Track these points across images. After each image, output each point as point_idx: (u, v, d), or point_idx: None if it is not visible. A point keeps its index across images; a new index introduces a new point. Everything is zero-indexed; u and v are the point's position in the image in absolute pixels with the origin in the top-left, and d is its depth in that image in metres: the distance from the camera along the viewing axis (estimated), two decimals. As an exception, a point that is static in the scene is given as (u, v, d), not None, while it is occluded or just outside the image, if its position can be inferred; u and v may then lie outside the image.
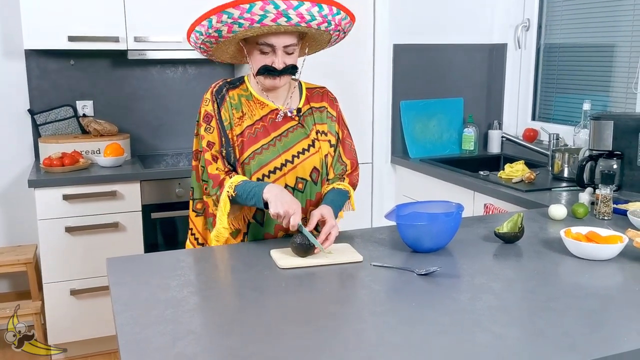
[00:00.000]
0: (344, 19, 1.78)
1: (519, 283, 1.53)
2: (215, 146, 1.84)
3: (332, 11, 1.73)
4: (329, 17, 1.73)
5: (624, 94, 2.95)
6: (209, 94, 1.88)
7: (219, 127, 1.84)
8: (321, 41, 1.88)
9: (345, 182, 1.98)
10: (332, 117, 1.97)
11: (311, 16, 1.69)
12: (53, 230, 2.91)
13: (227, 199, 1.78)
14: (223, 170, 1.83)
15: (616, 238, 1.69)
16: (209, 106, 1.86)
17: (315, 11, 1.69)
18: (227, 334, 1.24)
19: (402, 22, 3.40)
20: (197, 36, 1.77)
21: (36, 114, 3.33)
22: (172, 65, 3.57)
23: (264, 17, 1.65)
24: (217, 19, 1.67)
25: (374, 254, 1.72)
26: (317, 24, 1.72)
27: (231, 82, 1.91)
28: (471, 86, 3.62)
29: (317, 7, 1.69)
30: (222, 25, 1.68)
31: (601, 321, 1.31)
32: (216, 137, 1.84)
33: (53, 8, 2.98)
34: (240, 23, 1.66)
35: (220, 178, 1.81)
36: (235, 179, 1.79)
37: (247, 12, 1.64)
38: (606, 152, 2.44)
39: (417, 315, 1.33)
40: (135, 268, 1.64)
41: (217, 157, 1.84)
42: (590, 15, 3.13)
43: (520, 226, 1.82)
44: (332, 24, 1.76)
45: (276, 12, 1.65)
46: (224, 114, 1.85)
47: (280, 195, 1.71)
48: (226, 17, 1.66)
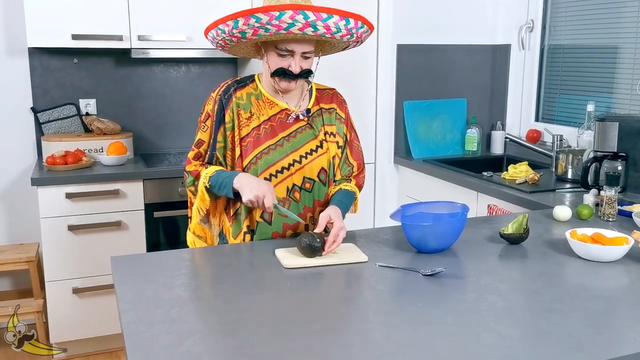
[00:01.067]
0: (366, 31, 1.81)
1: (525, 284, 1.53)
2: (204, 146, 1.89)
3: (357, 25, 1.75)
4: (353, 31, 1.76)
5: (628, 95, 2.94)
6: (214, 93, 1.90)
7: (213, 128, 1.87)
8: (337, 48, 1.91)
9: (352, 183, 1.99)
10: (341, 118, 1.98)
11: (337, 28, 1.72)
12: (55, 228, 2.91)
13: (203, 189, 1.83)
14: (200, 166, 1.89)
15: (622, 240, 1.68)
16: (210, 105, 1.89)
17: (342, 24, 1.72)
18: (233, 333, 1.24)
19: (406, 23, 3.40)
20: (218, 33, 1.77)
21: (39, 112, 3.32)
22: (176, 64, 3.57)
23: (291, 25, 1.66)
24: (244, 22, 1.67)
25: (378, 254, 1.72)
26: (340, 35, 1.75)
27: (240, 81, 1.92)
28: (474, 87, 3.62)
29: (344, 20, 1.71)
30: (248, 28, 1.69)
31: (606, 323, 1.31)
32: (207, 136, 1.89)
33: (57, 6, 2.97)
34: (267, 28, 1.67)
35: (195, 172, 1.87)
36: (210, 169, 1.84)
37: (276, 19, 1.65)
38: (611, 153, 2.44)
39: (423, 316, 1.32)
40: (139, 267, 1.63)
41: (200, 156, 1.90)
42: (594, 17, 3.13)
43: (526, 227, 1.82)
44: (354, 36, 1.79)
45: (304, 22, 1.66)
46: (228, 115, 1.86)
47: (248, 182, 1.75)
48: (254, 21, 1.66)
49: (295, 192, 1.88)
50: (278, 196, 1.86)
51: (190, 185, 1.89)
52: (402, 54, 3.43)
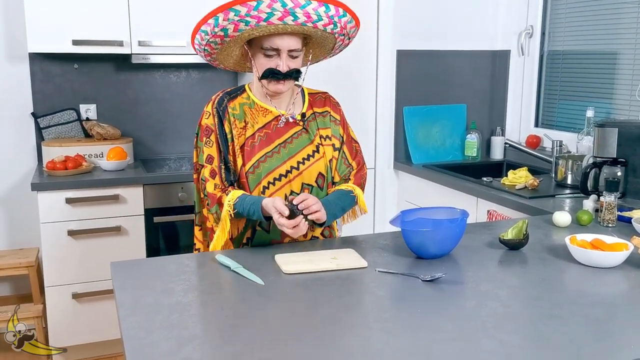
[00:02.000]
0: (350, 22, 1.79)
1: (524, 290, 1.53)
2: (215, 161, 1.85)
3: (338, 12, 1.74)
4: (335, 19, 1.74)
5: (628, 101, 2.95)
6: (209, 107, 1.88)
7: (218, 141, 1.85)
8: (325, 47, 1.88)
9: (350, 182, 1.96)
10: (336, 120, 1.97)
11: (318, 16, 1.70)
12: (55, 233, 2.91)
13: (227, 217, 1.80)
14: (220, 187, 1.84)
15: (621, 245, 1.68)
16: (209, 119, 1.86)
17: (322, 11, 1.70)
18: (232, 339, 1.24)
19: (406, 28, 3.41)
20: (202, 36, 1.76)
21: (39, 117, 3.33)
22: (176, 70, 3.57)
23: (270, 15, 1.65)
24: (223, 17, 1.67)
25: (378, 260, 1.72)
26: (323, 24, 1.73)
27: (231, 92, 1.90)
28: (474, 92, 3.63)
29: (324, 7, 1.70)
30: (229, 24, 1.68)
31: (607, 329, 1.31)
32: (215, 151, 1.85)
33: (58, 12, 2.98)
34: (247, 21, 1.66)
35: (217, 197, 1.83)
36: (232, 195, 1.80)
37: (254, 9, 1.64)
38: (610, 159, 2.44)
39: (423, 322, 1.32)
40: (139, 272, 1.63)
41: (215, 173, 1.85)
42: (593, 23, 3.13)
43: (525, 233, 1.82)
44: (337, 26, 1.76)
45: (283, 10, 1.65)
46: (227, 127, 1.85)
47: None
48: (233, 15, 1.66)
49: None
50: None
51: (215, 212, 1.85)
52: (402, 60, 3.43)
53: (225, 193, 1.83)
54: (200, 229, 1.98)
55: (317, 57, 1.95)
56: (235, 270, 1.62)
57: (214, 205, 1.84)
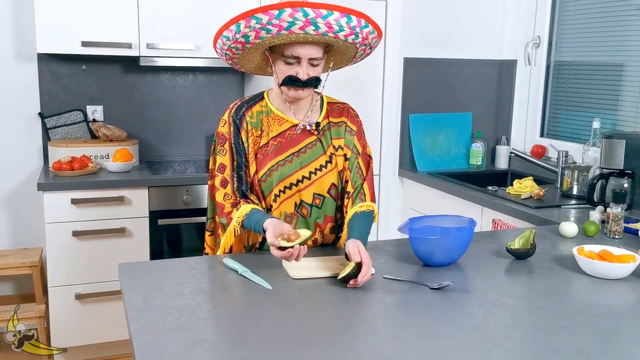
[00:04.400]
0: (372, 32, 1.77)
1: (532, 300, 1.53)
2: (227, 170, 1.85)
3: (360, 23, 1.72)
4: (357, 30, 1.72)
5: (634, 112, 2.95)
6: (226, 116, 1.87)
7: (232, 150, 1.85)
8: (347, 56, 1.86)
9: (367, 199, 1.90)
10: (352, 131, 1.94)
11: (339, 26, 1.68)
12: (60, 234, 2.91)
13: (232, 232, 1.81)
14: (230, 198, 1.84)
15: (629, 257, 1.68)
16: (224, 127, 1.86)
17: (343, 22, 1.68)
18: (241, 343, 1.24)
19: (413, 36, 3.42)
20: (223, 42, 1.75)
21: (46, 117, 3.34)
22: (183, 73, 3.58)
23: (292, 24, 1.64)
24: (245, 24, 1.66)
25: (385, 267, 1.72)
26: (344, 35, 1.71)
27: (249, 100, 1.90)
28: (480, 101, 3.63)
29: (345, 17, 1.68)
30: (250, 31, 1.67)
31: (615, 340, 1.31)
32: (228, 160, 1.85)
33: (67, 13, 2.99)
34: (268, 29, 1.65)
35: (224, 209, 1.84)
36: (242, 211, 1.79)
37: (275, 18, 1.63)
38: (617, 170, 2.45)
39: (431, 329, 1.32)
40: (147, 274, 1.63)
41: (226, 182, 1.85)
42: (600, 34, 3.14)
43: (532, 242, 1.82)
44: (359, 37, 1.74)
45: (305, 20, 1.64)
46: (244, 135, 1.84)
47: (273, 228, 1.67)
48: (254, 22, 1.65)
49: (303, 209, 1.87)
50: (286, 212, 1.86)
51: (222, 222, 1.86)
52: (409, 67, 3.44)
53: (237, 207, 1.82)
54: (210, 235, 1.99)
55: (339, 64, 1.93)
56: (243, 274, 1.63)
57: (222, 217, 1.85)
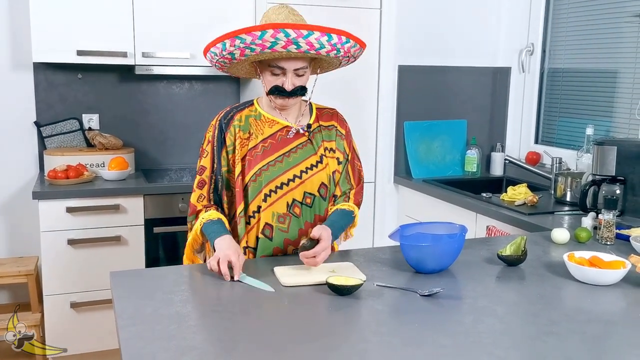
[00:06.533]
0: (353, 46, 1.83)
1: (522, 306, 1.53)
2: (206, 172, 1.92)
3: (341, 40, 1.78)
4: (338, 46, 1.78)
5: (627, 119, 2.97)
6: (214, 121, 1.95)
7: (214, 153, 1.91)
8: (332, 64, 1.93)
9: (350, 201, 2.00)
10: (342, 135, 2.01)
11: (320, 44, 1.74)
12: (55, 242, 2.91)
13: (197, 231, 1.86)
14: (204, 200, 1.91)
15: (619, 263, 1.69)
16: (210, 132, 1.94)
17: (324, 40, 1.74)
18: (230, 350, 1.25)
19: (408, 44, 3.44)
20: (212, 56, 1.84)
21: (42, 126, 3.35)
22: (179, 81, 3.60)
23: (274, 44, 1.71)
24: (230, 43, 1.74)
25: (376, 274, 1.72)
26: (326, 51, 1.78)
27: (239, 106, 1.97)
28: (475, 108, 3.65)
29: (326, 36, 1.74)
30: (235, 49, 1.75)
31: (604, 347, 1.31)
32: (209, 162, 1.92)
33: (63, 22, 3.01)
34: (252, 48, 1.73)
35: (195, 208, 1.91)
36: (209, 215, 1.86)
37: (258, 38, 1.70)
38: (609, 177, 2.45)
39: (421, 336, 1.33)
40: (139, 282, 1.64)
41: (204, 183, 1.92)
42: (594, 41, 3.16)
43: (523, 249, 1.83)
44: (341, 52, 1.81)
45: (286, 40, 1.70)
46: (229, 139, 1.90)
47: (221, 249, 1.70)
48: (239, 42, 1.72)
49: (295, 207, 1.90)
50: (278, 212, 1.88)
51: (190, 221, 1.93)
52: (403, 75, 3.46)
53: (205, 210, 1.89)
54: None
55: (325, 69, 1.99)
56: (241, 279, 1.63)
57: (191, 215, 1.92)
